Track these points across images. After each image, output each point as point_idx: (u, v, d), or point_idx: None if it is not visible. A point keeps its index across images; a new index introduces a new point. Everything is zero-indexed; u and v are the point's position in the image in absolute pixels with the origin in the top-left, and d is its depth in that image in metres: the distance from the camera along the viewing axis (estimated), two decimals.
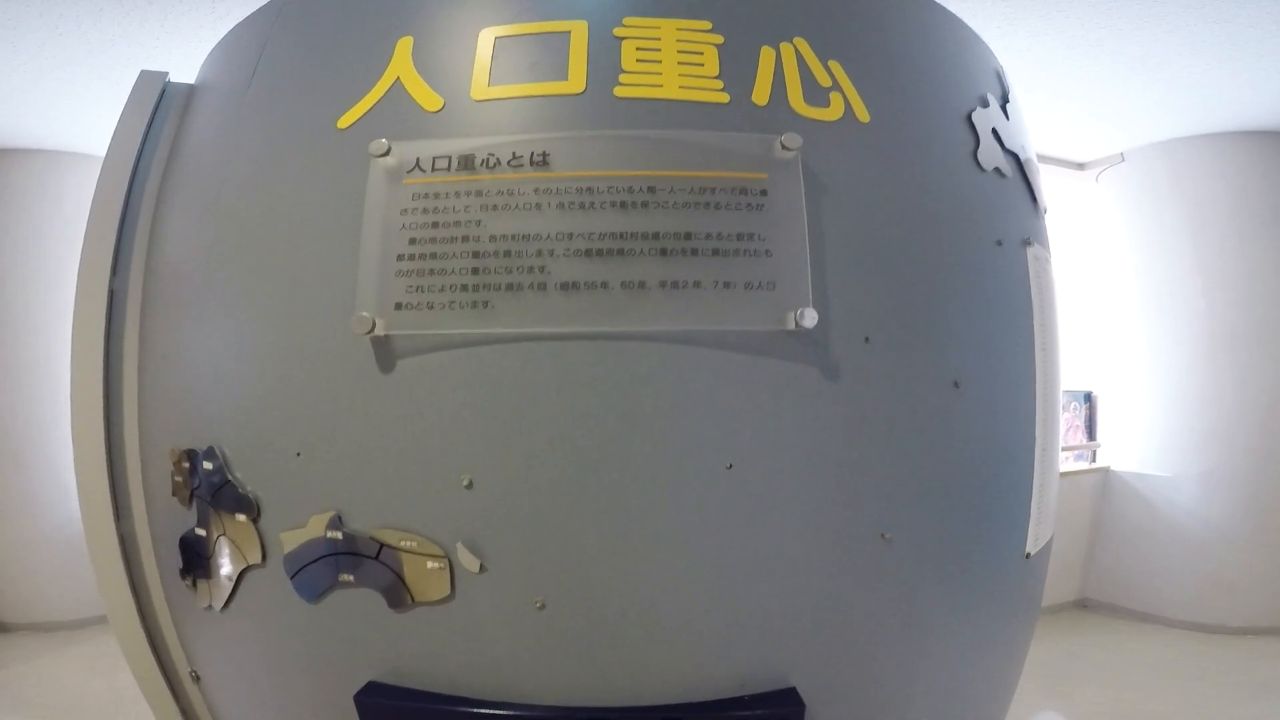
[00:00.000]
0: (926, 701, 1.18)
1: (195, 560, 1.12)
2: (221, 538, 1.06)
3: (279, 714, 1.15)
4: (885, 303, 1.00)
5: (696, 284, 0.90)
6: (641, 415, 0.90)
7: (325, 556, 0.95)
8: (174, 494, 1.13)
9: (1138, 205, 3.46)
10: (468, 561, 0.89)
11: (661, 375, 0.91)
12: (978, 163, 1.12)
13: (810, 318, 0.88)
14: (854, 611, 1.00)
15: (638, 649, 0.93)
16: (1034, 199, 1.31)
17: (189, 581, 1.14)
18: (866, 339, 0.97)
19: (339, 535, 0.93)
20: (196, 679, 1.27)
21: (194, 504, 1.10)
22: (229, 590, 1.07)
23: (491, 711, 0.93)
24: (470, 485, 0.89)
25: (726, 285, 0.91)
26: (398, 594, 0.93)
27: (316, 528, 0.95)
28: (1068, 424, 3.92)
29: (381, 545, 0.92)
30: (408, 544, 0.91)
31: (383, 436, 0.92)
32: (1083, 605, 4.07)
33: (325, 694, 1.02)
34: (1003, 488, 1.15)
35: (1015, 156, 1.23)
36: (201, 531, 1.09)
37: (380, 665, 0.97)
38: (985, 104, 1.17)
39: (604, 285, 0.89)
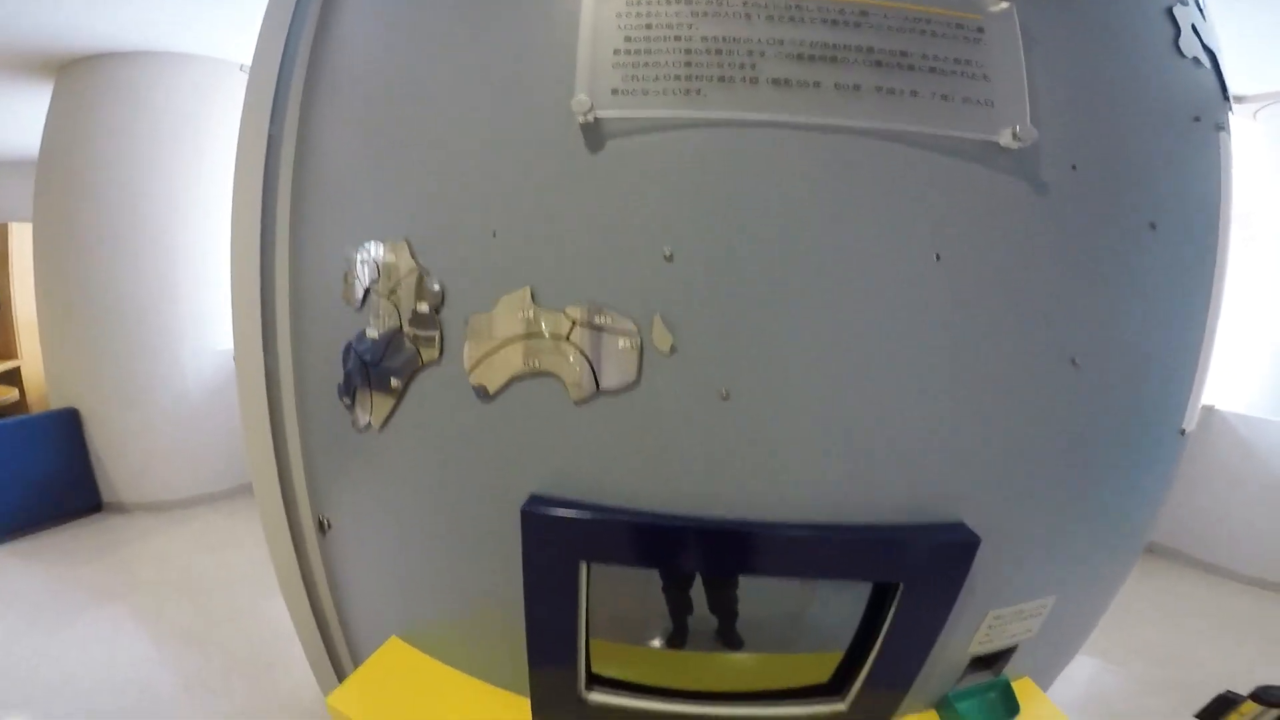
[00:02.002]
0: (1069, 560, 1.21)
1: (358, 371, 1.15)
2: (397, 335, 1.08)
3: (423, 547, 1.22)
4: (1092, 140, 0.98)
5: (914, 93, 0.90)
6: (850, 203, 0.90)
7: (511, 341, 0.98)
8: (343, 296, 1.16)
9: None
10: (660, 338, 0.92)
11: (872, 168, 0.90)
12: (1179, 49, 1.09)
13: (1030, 133, 0.88)
14: (1032, 436, 1.02)
15: (816, 456, 0.96)
16: (1225, 93, 1.27)
17: (346, 400, 1.18)
18: (1074, 167, 0.95)
19: (530, 314, 0.96)
20: (325, 528, 1.36)
21: (366, 302, 1.13)
22: (393, 403, 1.11)
23: (664, 523, 0.98)
24: (671, 258, 0.91)
25: (944, 98, 0.90)
26: (583, 379, 0.95)
27: (507, 308, 0.97)
28: None
29: (574, 323, 0.95)
30: (601, 320, 0.94)
31: (586, 213, 0.94)
32: (1152, 550, 4.02)
33: (486, 512, 1.07)
34: (1178, 346, 1.13)
35: (1210, 52, 1.19)
36: (373, 332, 1.13)
37: (547, 475, 1.02)
38: (1185, 3, 1.13)
39: (816, 84, 0.89)
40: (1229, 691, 1.11)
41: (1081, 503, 1.13)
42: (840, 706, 1.18)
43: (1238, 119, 3.28)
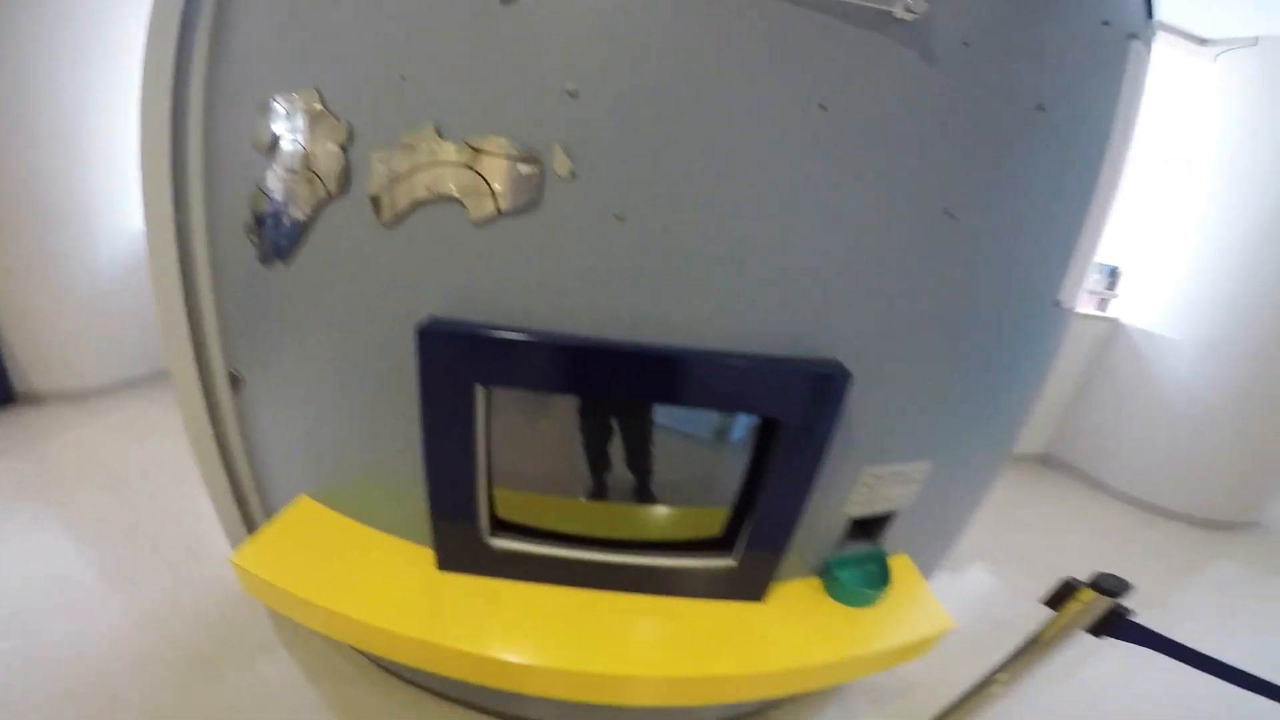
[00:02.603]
0: (943, 425, 1.30)
1: (269, 211, 1.14)
2: (306, 171, 1.08)
3: (330, 393, 1.24)
4: (988, 21, 1.00)
5: None
6: (745, 51, 0.93)
7: (414, 170, 0.99)
8: (255, 142, 1.13)
9: (1246, 93, 3.27)
10: (560, 164, 0.95)
11: (769, 21, 0.92)
12: None
13: (920, 5, 0.92)
14: (908, 284, 1.08)
15: (705, 282, 1.01)
16: (1150, 10, 1.29)
17: (254, 238, 1.18)
18: (966, 43, 0.98)
19: (433, 146, 0.98)
20: (239, 383, 1.36)
21: (277, 147, 1.11)
22: (299, 235, 1.12)
23: (556, 342, 1.02)
24: (573, 94, 0.93)
25: None
26: (483, 202, 0.98)
27: (411, 141, 0.99)
28: (1084, 295, 3.94)
29: (476, 152, 0.96)
30: (503, 148, 0.95)
31: (493, 55, 0.94)
32: (1045, 461, 4.32)
33: (391, 340, 1.09)
34: (1056, 221, 1.20)
35: None
36: (283, 173, 1.11)
37: (449, 299, 1.05)
38: None
39: None
40: (1071, 579, 1.21)
41: (955, 360, 1.21)
42: (731, 561, 1.28)
43: (1199, 61, 3.35)
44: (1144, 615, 2.71)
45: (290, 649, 1.79)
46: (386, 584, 1.25)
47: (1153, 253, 3.71)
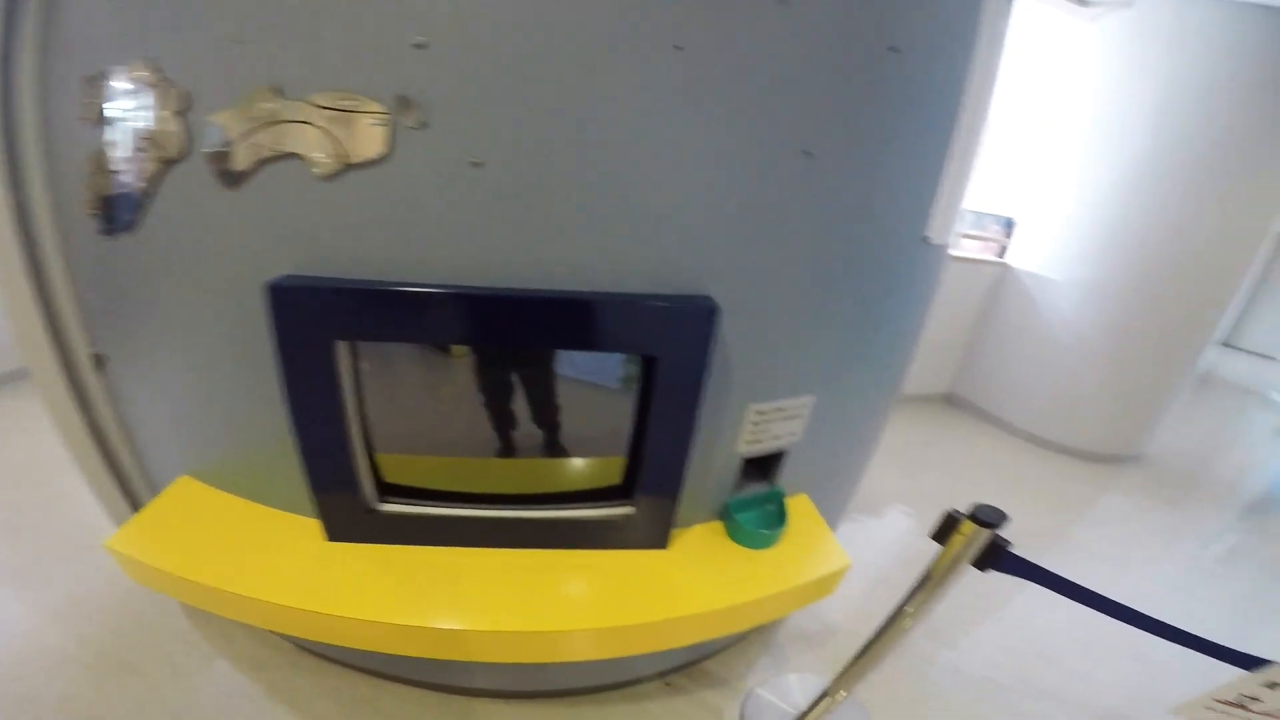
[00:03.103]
0: (823, 360, 1.35)
1: (111, 184, 1.07)
2: (144, 141, 1.02)
3: (194, 367, 1.19)
4: None
5: None
6: None
7: (255, 128, 0.94)
8: (90, 117, 1.06)
9: (1120, 53, 3.48)
10: (409, 115, 0.92)
11: None
12: None
13: None
14: (772, 223, 1.11)
15: (568, 227, 1.01)
16: None
17: (99, 211, 1.10)
18: None
19: (273, 105, 0.93)
20: (102, 364, 1.28)
21: (114, 119, 1.04)
22: (142, 202, 1.06)
23: (409, 291, 0.99)
24: (421, 46, 0.89)
25: None
26: (328, 155, 0.94)
27: (250, 101, 0.93)
28: (983, 245, 4.19)
29: (319, 109, 0.92)
30: (347, 103, 0.92)
31: (333, 10, 0.89)
32: (949, 400, 4.60)
33: (246, 303, 1.04)
34: (918, 156, 1.25)
35: None
36: (122, 141, 1.05)
37: (302, 256, 1.01)
38: None
39: None
40: (953, 511, 1.26)
41: (826, 294, 1.25)
42: (629, 509, 1.29)
43: (1079, 22, 3.51)
44: (1046, 551, 2.95)
45: (210, 640, 1.74)
46: (274, 558, 1.22)
47: (1040, 203, 3.94)
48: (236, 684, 1.63)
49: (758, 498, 1.49)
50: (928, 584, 1.35)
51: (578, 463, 1.31)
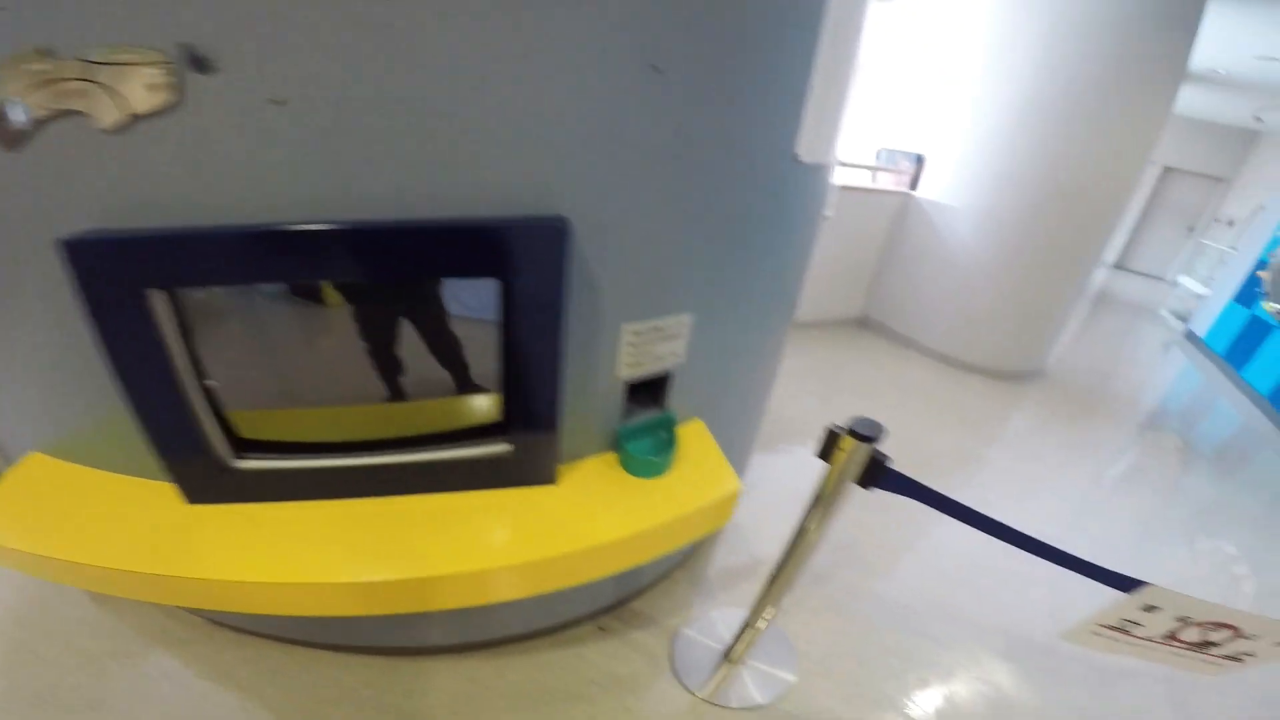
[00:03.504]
0: (696, 277, 1.33)
1: None
2: None
3: (16, 339, 1.09)
4: None
5: None
6: None
7: (28, 89, 0.83)
8: None
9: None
10: (193, 62, 0.82)
11: None
12: None
13: None
14: (626, 139, 1.06)
15: (392, 155, 0.93)
16: None
17: None
18: None
19: (44, 65, 0.82)
20: None
21: None
22: None
23: (215, 232, 0.91)
24: None
25: None
26: (111, 109, 0.84)
27: (17, 62, 0.82)
28: (896, 180, 4.29)
29: (95, 64, 0.82)
30: (125, 57, 0.82)
31: None
32: (862, 323, 4.76)
33: (42, 260, 0.95)
34: (778, 70, 1.22)
35: None
36: None
37: (99, 210, 0.92)
38: None
39: None
40: (833, 426, 1.26)
41: (693, 210, 1.22)
42: (507, 446, 1.25)
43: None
44: (963, 471, 3.07)
45: (119, 621, 1.68)
46: (133, 527, 1.14)
47: (940, 137, 4.07)
48: (151, 664, 1.58)
49: (649, 424, 1.47)
50: (819, 503, 1.38)
51: (450, 402, 1.25)
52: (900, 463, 1.25)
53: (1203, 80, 5.88)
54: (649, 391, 1.47)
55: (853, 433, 1.25)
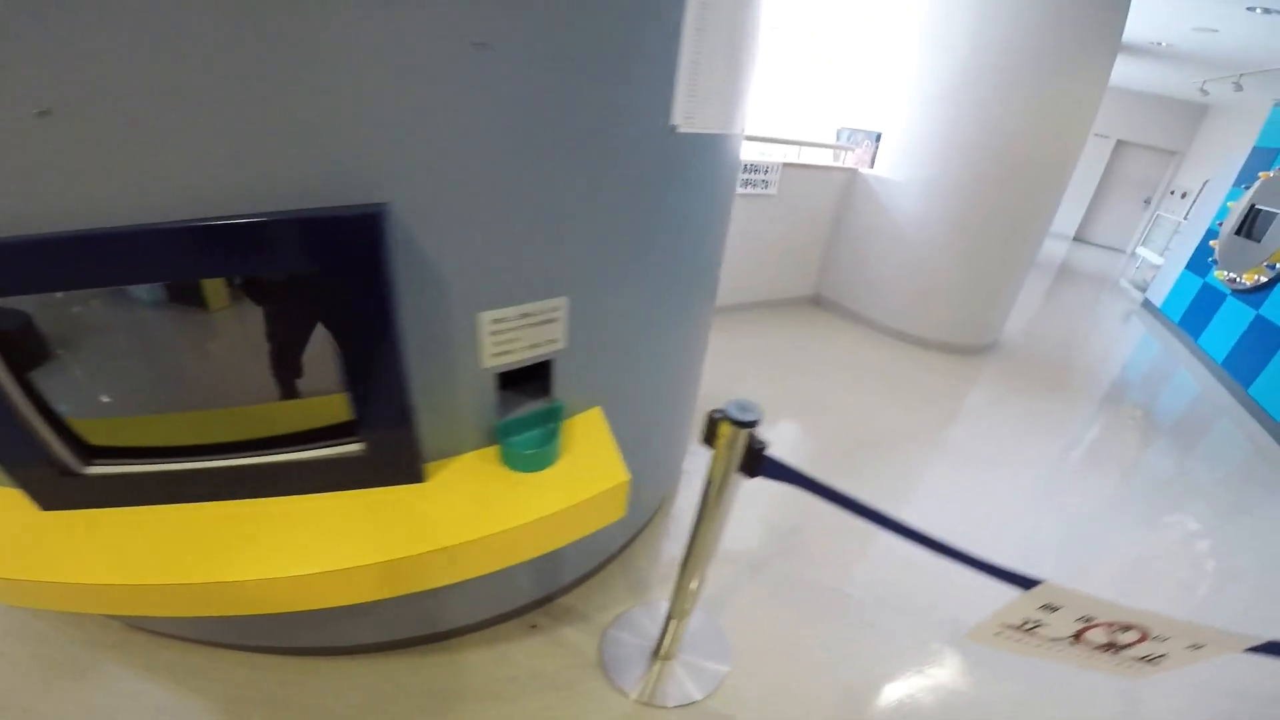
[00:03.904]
0: (566, 257, 1.22)
1: None
2: None
3: None
4: None
5: None
6: None
7: None
8: None
9: None
10: None
11: None
12: None
13: None
14: (458, 120, 0.96)
15: (175, 151, 0.82)
16: None
17: None
18: None
19: None
20: None
21: None
22: None
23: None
24: None
25: None
26: None
27: None
28: (858, 159, 4.21)
29: None
30: None
31: None
32: (816, 302, 4.68)
33: None
34: (635, 40, 1.12)
35: None
36: None
37: None
38: None
39: None
40: (713, 412, 1.17)
41: (550, 190, 1.12)
42: (358, 446, 1.16)
43: None
44: (924, 453, 2.97)
45: (42, 625, 1.63)
46: None
47: (885, 111, 4.02)
48: (72, 667, 1.53)
49: (536, 415, 1.38)
50: (710, 491, 1.28)
51: (299, 404, 1.15)
52: (854, 442, 1.17)
53: (1146, 53, 5.87)
54: (533, 381, 1.36)
55: (728, 417, 1.14)
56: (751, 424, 1.14)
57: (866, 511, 1.17)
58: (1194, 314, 5.46)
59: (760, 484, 1.25)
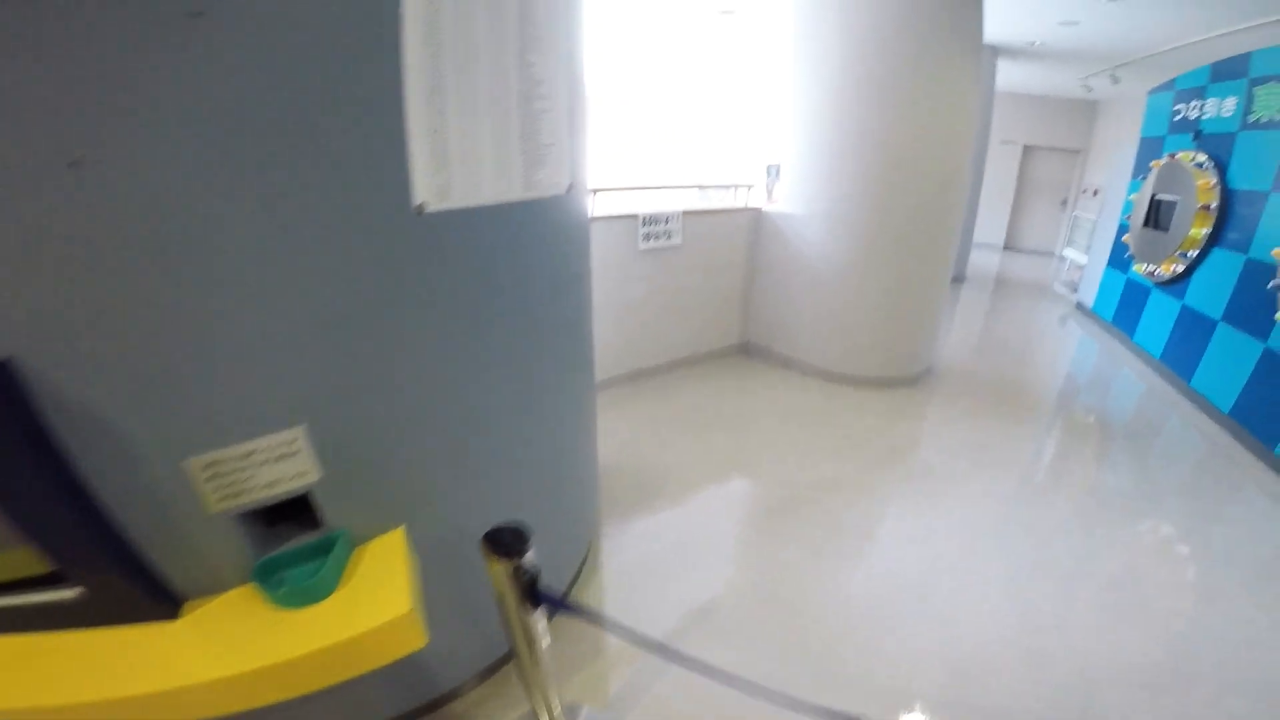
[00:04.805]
0: (299, 378, 1.03)
1: None
2: None
3: None
4: None
5: None
6: None
7: None
8: None
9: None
10: None
11: None
12: None
13: None
14: (82, 251, 0.81)
15: None
16: None
17: None
18: None
19: None
20: None
21: None
22: None
23: None
24: None
25: None
26: None
27: None
28: (759, 196, 4.13)
29: None
30: None
31: None
32: (745, 350, 4.49)
33: None
34: (345, 101, 0.97)
35: None
36: None
37: None
38: None
39: None
40: (490, 533, 1.02)
41: (257, 313, 0.96)
42: (74, 592, 0.99)
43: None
44: (853, 505, 2.71)
45: None
46: None
47: (775, 146, 3.97)
48: None
49: (310, 548, 1.18)
50: (509, 619, 1.07)
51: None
52: (780, 498, 0.94)
53: (1025, 54, 5.99)
54: (307, 512, 1.17)
55: (492, 541, 0.93)
56: (517, 553, 0.92)
57: (652, 644, 1.10)
58: (1124, 311, 5.45)
59: (665, 559, 1.02)
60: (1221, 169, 4.25)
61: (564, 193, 1.55)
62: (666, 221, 3.68)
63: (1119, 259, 5.66)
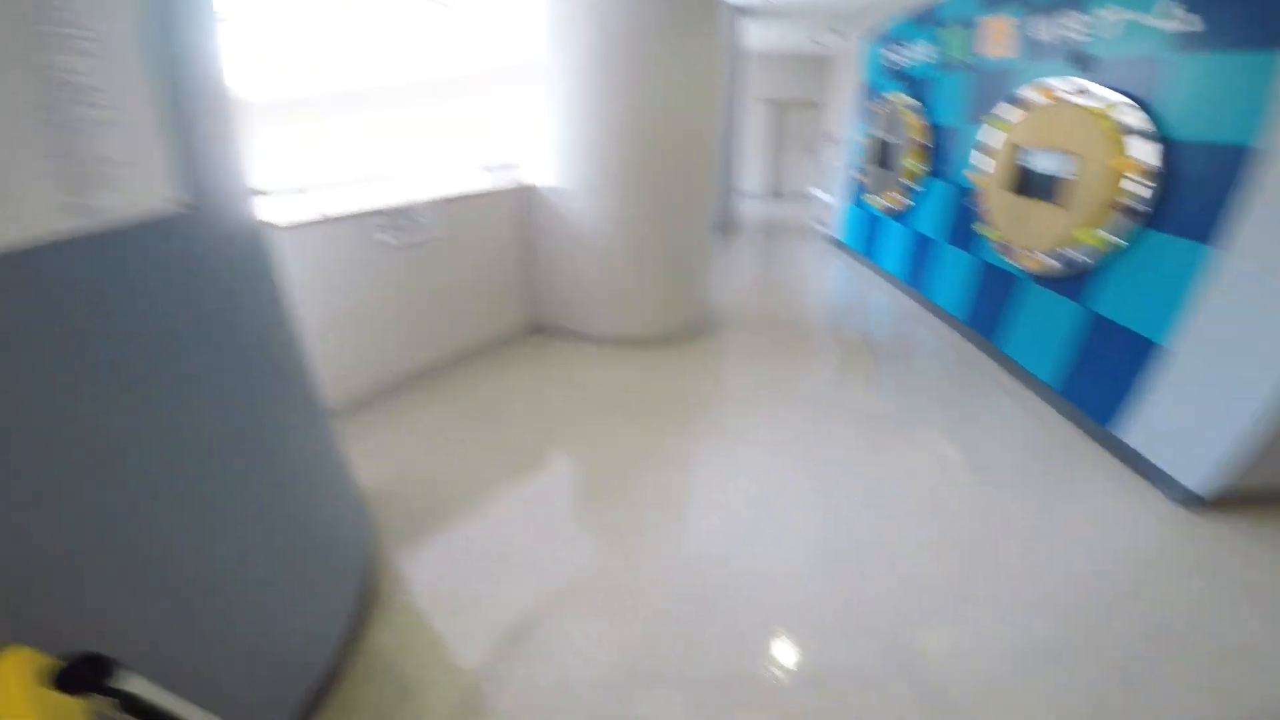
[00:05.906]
0: None
1: None
2: None
3: None
4: None
5: None
6: None
7: None
8: None
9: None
10: None
11: None
12: None
13: None
14: None
15: None
16: None
17: None
18: None
19: None
20: None
21: None
22: None
23: None
24: None
25: None
26: None
27: None
28: (525, 175, 3.93)
29: None
30: None
31: None
32: (537, 329, 4.26)
33: None
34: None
35: None
36: None
37: None
38: None
39: None
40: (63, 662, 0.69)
41: None
42: None
43: None
44: (652, 470, 2.60)
45: None
46: None
47: (536, 130, 3.82)
48: None
49: None
50: None
51: None
52: (586, 482, 0.72)
53: (764, 14, 6.31)
54: None
55: (65, 682, 0.65)
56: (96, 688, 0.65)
57: None
58: (869, 242, 6.09)
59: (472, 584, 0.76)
60: (928, 109, 4.84)
61: (183, 209, 1.16)
62: (416, 213, 3.23)
63: (858, 196, 6.31)
